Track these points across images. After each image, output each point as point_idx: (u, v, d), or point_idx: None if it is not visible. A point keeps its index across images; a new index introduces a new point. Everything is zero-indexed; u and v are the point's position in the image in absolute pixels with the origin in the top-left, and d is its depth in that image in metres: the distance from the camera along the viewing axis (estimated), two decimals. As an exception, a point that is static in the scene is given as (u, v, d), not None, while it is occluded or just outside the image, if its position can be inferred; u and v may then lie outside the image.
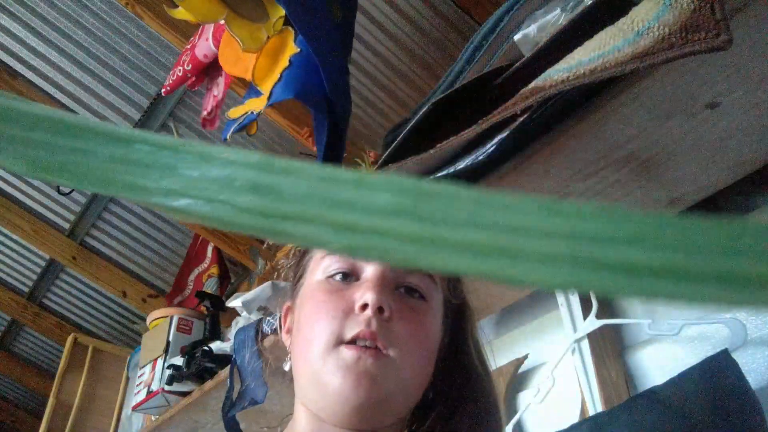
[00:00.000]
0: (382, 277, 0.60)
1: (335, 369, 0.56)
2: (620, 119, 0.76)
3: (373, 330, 0.56)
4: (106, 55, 1.99)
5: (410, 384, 0.59)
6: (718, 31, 0.55)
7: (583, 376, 1.05)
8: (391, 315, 0.58)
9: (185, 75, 1.47)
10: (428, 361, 0.62)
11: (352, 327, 0.57)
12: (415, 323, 0.60)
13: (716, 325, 0.96)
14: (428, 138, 0.92)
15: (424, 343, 0.60)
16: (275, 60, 1.19)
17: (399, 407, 0.59)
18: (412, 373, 0.59)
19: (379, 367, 0.56)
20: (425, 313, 0.62)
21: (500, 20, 0.96)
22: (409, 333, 0.58)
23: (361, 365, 0.55)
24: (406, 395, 0.59)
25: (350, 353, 0.56)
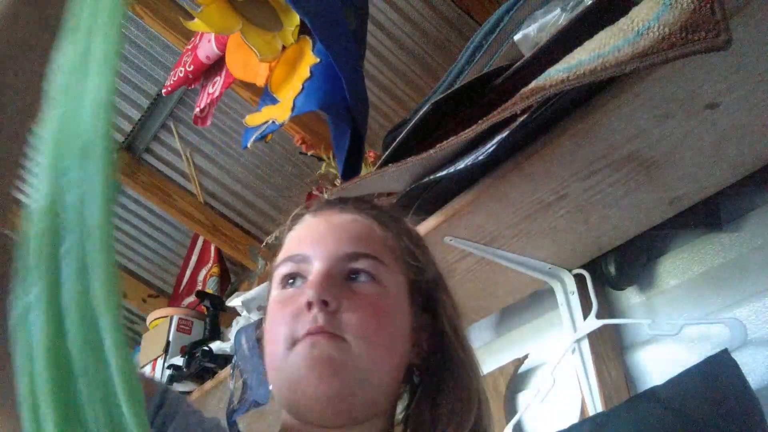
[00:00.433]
0: (325, 271, 0.60)
1: (295, 365, 0.56)
2: (620, 119, 0.76)
3: (321, 324, 0.56)
4: (106, 55, 1.99)
5: (373, 369, 0.58)
6: (717, 30, 0.55)
7: (583, 376, 1.05)
8: (338, 306, 0.58)
9: (187, 76, 1.48)
10: (391, 343, 0.60)
11: (303, 326, 0.57)
12: (367, 307, 0.59)
13: (716, 325, 0.96)
14: (428, 138, 0.92)
15: (380, 325, 0.59)
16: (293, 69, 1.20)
17: (368, 394, 0.58)
18: (372, 358, 0.58)
19: (335, 350, 0.56)
20: (378, 295, 0.61)
21: (500, 20, 0.96)
22: (360, 318, 0.58)
23: (317, 352, 0.55)
24: (374, 382, 0.58)
25: (303, 345, 0.56)
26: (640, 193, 0.91)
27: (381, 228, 0.66)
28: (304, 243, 0.64)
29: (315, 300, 0.57)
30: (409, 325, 0.63)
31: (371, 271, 0.61)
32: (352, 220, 0.66)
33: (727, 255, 1.01)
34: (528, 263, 1.08)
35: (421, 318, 0.66)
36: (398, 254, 0.65)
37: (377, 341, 0.58)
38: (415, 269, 0.66)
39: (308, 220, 0.68)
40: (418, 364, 0.65)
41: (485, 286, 1.15)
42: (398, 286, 0.63)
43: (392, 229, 0.66)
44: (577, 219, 0.96)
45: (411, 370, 0.64)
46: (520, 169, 0.84)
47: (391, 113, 1.83)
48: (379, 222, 0.66)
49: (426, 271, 0.67)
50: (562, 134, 0.79)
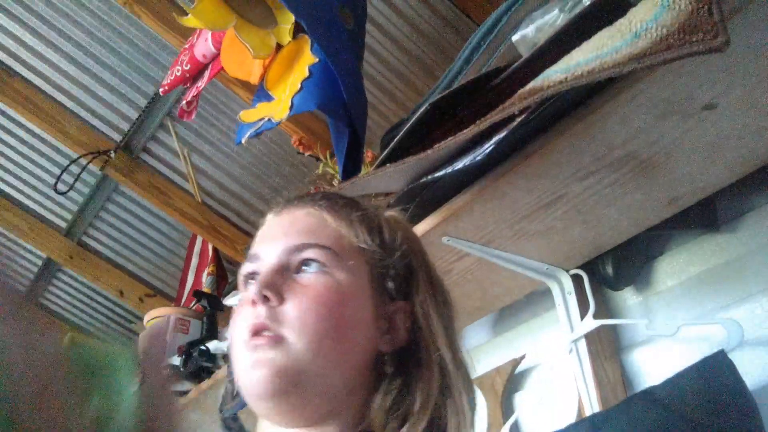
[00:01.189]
0: (271, 267, 0.61)
1: (241, 368, 0.57)
2: (618, 120, 0.76)
3: (261, 320, 0.57)
4: (104, 54, 1.99)
5: (318, 363, 0.57)
6: (715, 32, 0.55)
7: (580, 376, 1.05)
8: (281, 299, 0.58)
9: (184, 75, 1.47)
10: (340, 334, 0.59)
11: (248, 324, 0.58)
12: (310, 299, 0.58)
13: (713, 325, 0.96)
14: (426, 138, 0.92)
15: (324, 316, 0.58)
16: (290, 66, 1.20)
17: (319, 390, 0.57)
18: (316, 352, 0.57)
19: (274, 350, 0.56)
20: (324, 285, 0.60)
21: (498, 21, 0.97)
22: (302, 309, 0.58)
23: (258, 354, 0.56)
24: (322, 376, 0.57)
25: (246, 348, 0.57)
26: (638, 193, 0.91)
27: (333, 217, 0.65)
28: (260, 242, 0.66)
29: (255, 296, 0.58)
30: (371, 313, 0.62)
31: (320, 260, 0.61)
32: (305, 213, 0.66)
33: (724, 256, 1.01)
34: (525, 263, 1.08)
35: (392, 305, 0.64)
36: (354, 241, 0.64)
37: (320, 333, 0.57)
38: (379, 255, 0.64)
39: (269, 220, 0.68)
40: (390, 353, 0.62)
41: (483, 286, 1.15)
42: (354, 274, 0.62)
43: (346, 216, 0.65)
44: (574, 219, 0.96)
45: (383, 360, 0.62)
46: (518, 170, 0.84)
47: (389, 113, 1.83)
48: (331, 211, 0.66)
49: (393, 255, 0.66)
50: (560, 135, 0.79)
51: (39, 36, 1.99)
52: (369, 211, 0.69)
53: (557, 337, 1.14)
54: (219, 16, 1.20)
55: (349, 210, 0.67)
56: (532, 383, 1.24)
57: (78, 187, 2.30)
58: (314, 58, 1.14)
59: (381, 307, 0.63)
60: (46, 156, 2.34)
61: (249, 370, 0.56)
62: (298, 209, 0.67)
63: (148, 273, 2.66)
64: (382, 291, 0.64)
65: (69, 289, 2.87)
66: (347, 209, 0.67)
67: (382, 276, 0.64)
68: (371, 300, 0.63)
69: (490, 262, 1.05)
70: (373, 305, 0.62)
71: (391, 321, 0.63)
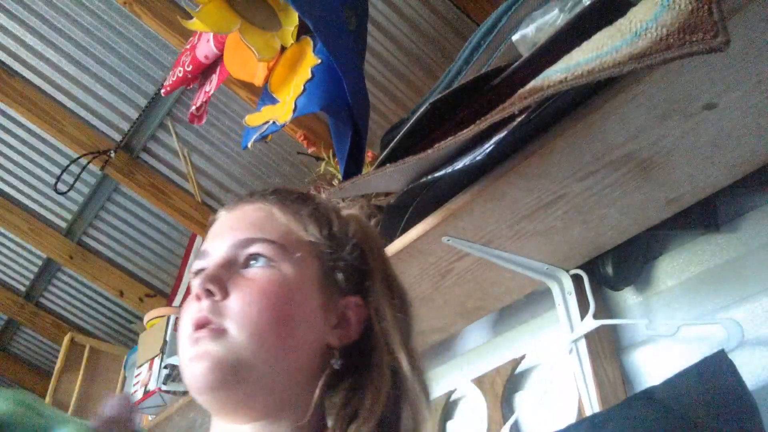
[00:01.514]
0: (217, 262, 0.61)
1: (184, 361, 0.58)
2: (618, 120, 0.76)
3: (204, 314, 0.57)
4: (104, 54, 1.99)
5: (259, 356, 0.56)
6: (715, 32, 0.55)
7: (580, 376, 1.05)
8: (225, 293, 0.58)
9: (186, 76, 1.47)
10: (282, 327, 0.58)
11: (192, 318, 0.58)
12: (253, 292, 0.58)
13: (713, 325, 0.96)
14: (426, 138, 0.92)
15: (267, 309, 0.58)
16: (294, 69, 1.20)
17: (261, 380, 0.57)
18: (257, 345, 0.57)
19: (214, 344, 0.56)
20: (269, 279, 0.60)
21: (498, 21, 0.97)
22: (245, 302, 0.58)
23: (199, 348, 0.56)
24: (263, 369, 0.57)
25: (188, 341, 0.57)
26: (638, 193, 0.91)
27: (282, 212, 0.65)
28: (209, 239, 0.65)
29: (199, 290, 0.58)
30: (319, 307, 0.61)
31: (266, 255, 0.61)
32: (254, 208, 0.66)
33: (724, 256, 1.01)
34: (525, 263, 1.08)
35: (344, 299, 0.63)
36: (302, 235, 0.64)
37: (263, 325, 0.57)
38: (328, 248, 0.64)
39: (220, 216, 0.68)
40: (340, 348, 0.62)
41: (483, 286, 1.15)
42: (301, 267, 0.62)
43: (295, 211, 0.65)
44: (574, 219, 0.96)
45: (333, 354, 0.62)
46: (518, 170, 0.84)
47: (389, 113, 1.83)
48: (280, 206, 0.66)
49: (344, 249, 0.65)
50: (560, 135, 0.79)
51: (39, 36, 1.99)
52: (320, 205, 0.68)
53: (557, 337, 1.14)
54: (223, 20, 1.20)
55: (300, 205, 0.67)
56: (532, 383, 1.24)
57: (78, 187, 2.31)
58: (316, 60, 1.14)
59: (331, 300, 0.63)
60: (46, 156, 2.34)
61: (189, 363, 0.56)
62: (249, 205, 0.67)
63: (148, 273, 2.66)
64: (332, 285, 0.64)
65: (69, 289, 2.87)
66: (297, 204, 0.67)
67: (332, 270, 0.64)
68: (319, 293, 0.62)
69: (490, 262, 1.05)
70: (322, 299, 0.62)
71: (343, 316, 0.63)
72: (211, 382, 0.55)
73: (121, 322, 2.93)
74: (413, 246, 1.00)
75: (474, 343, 1.40)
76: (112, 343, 2.81)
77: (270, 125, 1.19)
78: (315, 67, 1.14)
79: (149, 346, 1.86)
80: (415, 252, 1.02)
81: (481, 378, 1.30)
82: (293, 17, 1.21)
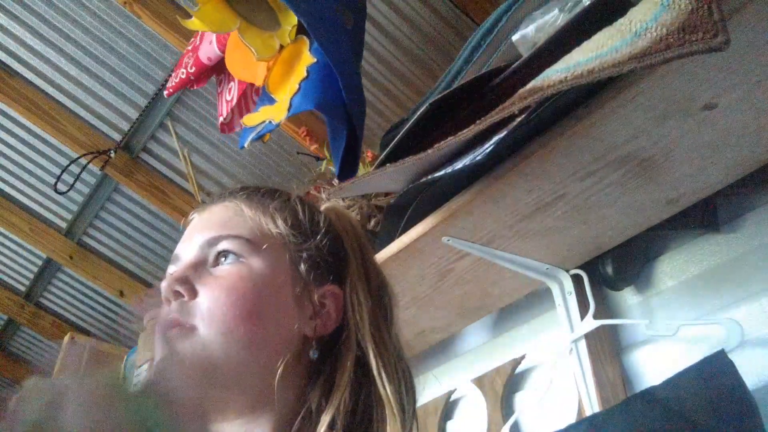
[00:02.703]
0: (185, 264, 0.61)
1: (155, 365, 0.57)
2: (618, 120, 0.76)
3: (172, 316, 0.57)
4: (104, 54, 1.99)
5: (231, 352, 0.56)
6: (715, 31, 0.55)
7: (580, 376, 1.05)
8: (193, 294, 0.58)
9: (188, 77, 1.47)
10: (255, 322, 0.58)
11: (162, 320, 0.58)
12: (221, 289, 0.58)
13: (713, 325, 0.96)
14: (426, 138, 0.92)
15: (237, 305, 0.57)
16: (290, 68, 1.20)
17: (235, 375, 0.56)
18: (227, 341, 0.56)
19: (183, 341, 0.56)
20: (238, 275, 0.59)
21: (498, 20, 0.97)
22: (214, 299, 0.57)
23: (167, 347, 0.56)
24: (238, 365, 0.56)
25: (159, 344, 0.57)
26: (638, 193, 0.91)
27: (250, 207, 0.65)
28: (180, 242, 0.65)
29: (167, 293, 0.58)
30: (292, 298, 0.61)
31: (234, 251, 0.61)
32: (221, 207, 0.66)
33: (724, 256, 1.01)
34: (525, 263, 1.08)
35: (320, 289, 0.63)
36: (271, 228, 0.63)
37: (233, 321, 0.57)
38: (297, 238, 0.64)
39: (192, 219, 0.68)
40: (317, 339, 0.61)
41: (483, 286, 1.15)
42: (271, 260, 0.61)
43: (262, 205, 0.65)
44: (574, 219, 0.96)
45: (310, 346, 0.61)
46: (518, 170, 0.84)
47: (388, 113, 1.83)
48: (248, 202, 0.65)
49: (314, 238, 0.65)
50: (560, 135, 0.79)
51: (39, 36, 1.99)
52: (288, 198, 0.68)
53: (557, 337, 1.14)
54: (222, 19, 1.20)
55: (267, 199, 0.67)
56: (533, 383, 1.24)
57: (78, 187, 2.30)
58: (312, 59, 1.14)
59: (305, 291, 0.62)
60: (46, 156, 2.34)
61: (160, 364, 0.57)
62: (217, 204, 0.67)
63: (148, 273, 2.66)
64: (306, 275, 0.63)
65: (69, 289, 2.87)
66: (265, 199, 0.67)
67: (303, 260, 0.63)
68: (291, 285, 0.62)
69: (490, 262, 1.05)
70: (295, 290, 0.61)
71: (321, 305, 0.63)
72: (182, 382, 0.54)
73: (121, 322, 2.93)
74: (413, 246, 1.00)
75: (474, 343, 1.40)
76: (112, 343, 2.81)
77: (266, 124, 1.18)
78: (311, 66, 1.13)
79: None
80: (415, 252, 1.02)
81: (481, 378, 1.30)
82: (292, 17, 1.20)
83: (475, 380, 1.31)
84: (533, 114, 0.76)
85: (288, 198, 0.68)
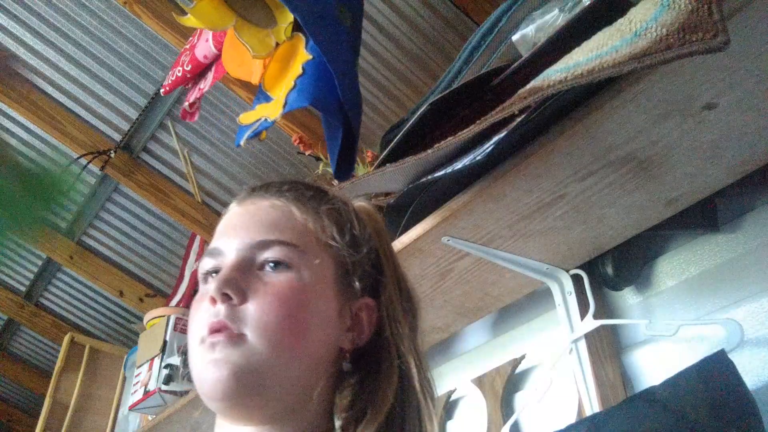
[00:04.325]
0: (233, 264, 0.59)
1: (198, 366, 0.56)
2: (618, 120, 0.76)
3: (221, 318, 0.55)
4: (104, 54, 1.99)
5: (277, 363, 0.55)
6: (715, 31, 0.55)
7: (580, 376, 1.05)
8: (243, 298, 0.56)
9: (185, 75, 1.47)
10: (300, 332, 0.57)
11: (207, 322, 0.56)
12: (272, 298, 0.57)
13: (713, 325, 0.96)
14: (426, 138, 0.92)
15: (286, 315, 0.57)
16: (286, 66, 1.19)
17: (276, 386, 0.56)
18: (275, 352, 0.55)
19: (233, 351, 0.54)
20: (287, 284, 0.58)
21: (498, 21, 0.97)
22: (262, 310, 0.56)
23: (216, 353, 0.54)
24: (281, 375, 0.56)
25: (205, 345, 0.55)
26: (638, 193, 0.91)
27: (300, 210, 0.63)
28: (221, 236, 0.63)
29: (216, 294, 0.56)
30: (335, 311, 0.60)
31: (284, 258, 0.59)
32: (269, 205, 0.63)
33: (724, 256, 1.01)
34: (525, 263, 1.08)
35: (357, 302, 0.62)
36: (321, 236, 0.62)
37: (281, 333, 0.56)
38: (346, 252, 0.63)
39: (232, 210, 0.66)
40: (351, 351, 0.61)
41: (483, 286, 1.15)
42: (319, 271, 0.60)
43: (313, 209, 0.64)
44: (574, 219, 0.96)
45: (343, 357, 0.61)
46: (518, 170, 0.84)
47: (388, 113, 1.83)
48: (298, 204, 0.64)
49: (361, 252, 0.64)
50: (560, 135, 0.79)
51: (39, 36, 1.99)
52: (338, 202, 0.66)
53: (557, 337, 1.14)
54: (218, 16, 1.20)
55: (317, 202, 0.65)
56: (532, 383, 1.24)
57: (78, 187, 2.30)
58: (308, 56, 1.14)
59: (346, 304, 0.62)
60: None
61: (206, 368, 0.55)
62: (263, 200, 0.64)
63: (148, 273, 2.66)
64: (347, 288, 0.62)
65: (69, 289, 2.87)
66: (315, 201, 0.65)
67: (348, 273, 0.63)
68: (336, 298, 0.61)
69: (490, 262, 1.05)
70: (338, 303, 0.61)
71: (356, 318, 0.62)
72: (229, 391, 0.54)
73: (121, 322, 2.93)
74: (413, 246, 1.00)
75: (474, 343, 1.40)
76: (112, 343, 2.81)
77: (262, 122, 1.18)
78: (306, 62, 1.13)
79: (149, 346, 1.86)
80: (415, 252, 1.02)
81: (481, 378, 1.30)
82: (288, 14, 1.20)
83: (475, 380, 1.31)
84: (533, 114, 0.76)
85: (337, 202, 0.67)
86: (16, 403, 3.76)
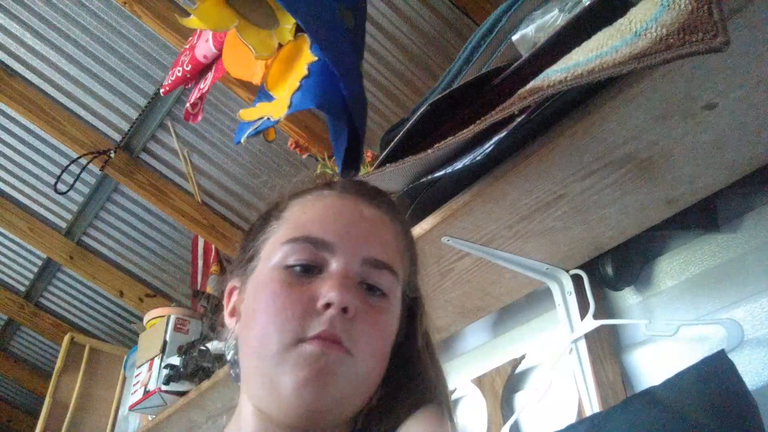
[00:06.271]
0: (347, 273, 0.57)
1: (293, 368, 0.53)
2: (618, 120, 0.76)
3: (337, 331, 0.54)
4: (104, 54, 1.99)
5: (366, 384, 0.57)
6: (715, 32, 0.55)
7: (580, 376, 1.05)
8: (355, 315, 0.55)
9: (185, 75, 1.47)
10: (384, 359, 0.59)
11: (315, 326, 0.54)
12: (376, 323, 0.57)
13: (713, 325, 0.96)
14: (426, 138, 0.92)
15: (382, 342, 0.58)
16: (290, 67, 1.19)
17: (352, 407, 0.57)
18: (370, 373, 0.57)
19: (340, 366, 0.53)
20: (386, 311, 0.59)
21: (498, 20, 0.96)
22: (370, 333, 0.56)
23: (323, 362, 0.52)
24: (361, 395, 0.57)
25: (312, 348, 0.53)
26: (638, 193, 0.91)
27: (400, 235, 0.65)
28: (329, 228, 0.60)
29: (338, 304, 0.54)
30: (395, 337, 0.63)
31: (390, 285, 0.60)
32: (380, 218, 0.63)
33: (724, 256, 1.01)
34: (525, 263, 1.08)
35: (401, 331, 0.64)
36: (401, 267, 0.63)
37: (377, 356, 0.58)
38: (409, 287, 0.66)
39: (332, 199, 0.64)
40: None
41: (483, 286, 1.15)
42: (398, 300, 0.62)
43: (403, 240, 0.66)
44: (574, 219, 0.96)
45: None
46: (518, 170, 0.84)
47: (388, 113, 1.83)
48: (397, 226, 0.65)
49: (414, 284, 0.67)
50: (560, 135, 0.79)
51: (39, 36, 1.99)
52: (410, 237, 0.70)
53: (557, 337, 1.14)
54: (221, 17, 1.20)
55: (406, 227, 0.68)
56: (532, 383, 1.24)
57: (78, 187, 2.31)
58: (313, 57, 1.14)
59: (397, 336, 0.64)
60: (46, 156, 2.34)
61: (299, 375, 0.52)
62: (371, 207, 0.64)
63: (148, 273, 2.66)
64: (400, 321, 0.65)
65: (69, 289, 2.87)
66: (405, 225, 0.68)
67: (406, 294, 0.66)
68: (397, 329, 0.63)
69: (490, 262, 1.05)
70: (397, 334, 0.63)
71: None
72: (317, 403, 0.52)
73: (121, 322, 2.93)
74: (413, 246, 1.00)
75: (474, 343, 1.40)
76: (112, 343, 2.82)
77: (264, 120, 1.18)
78: (312, 64, 1.13)
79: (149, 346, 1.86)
80: (415, 252, 1.02)
81: (481, 378, 1.30)
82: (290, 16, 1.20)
83: (475, 380, 1.31)
84: (533, 114, 0.76)
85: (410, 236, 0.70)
86: (16, 403, 3.76)
